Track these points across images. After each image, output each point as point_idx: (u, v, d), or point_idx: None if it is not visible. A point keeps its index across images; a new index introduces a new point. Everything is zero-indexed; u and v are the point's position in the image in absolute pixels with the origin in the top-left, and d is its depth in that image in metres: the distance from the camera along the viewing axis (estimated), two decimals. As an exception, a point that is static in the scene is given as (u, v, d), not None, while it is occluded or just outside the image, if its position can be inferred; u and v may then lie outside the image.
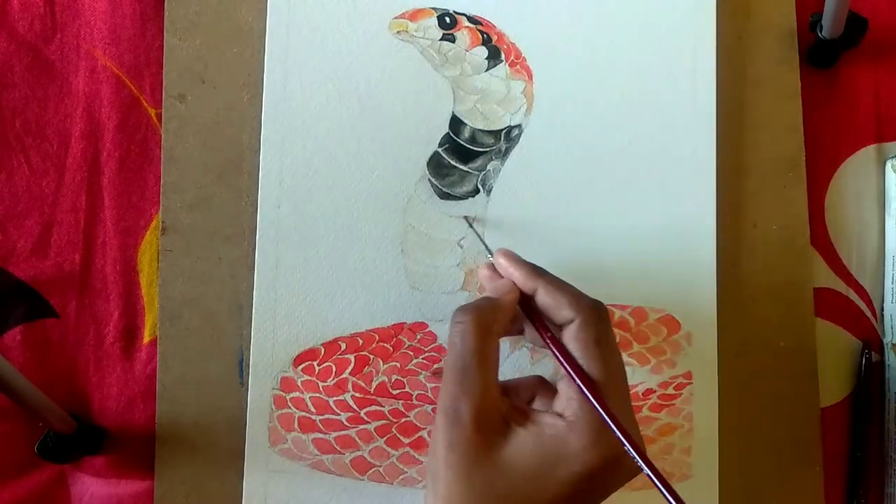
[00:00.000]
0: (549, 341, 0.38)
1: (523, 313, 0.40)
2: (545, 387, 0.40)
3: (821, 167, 0.49)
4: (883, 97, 0.50)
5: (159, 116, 0.48)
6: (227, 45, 0.48)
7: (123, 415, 0.47)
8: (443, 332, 0.46)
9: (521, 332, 0.41)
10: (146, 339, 0.48)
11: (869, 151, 0.50)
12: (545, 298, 0.38)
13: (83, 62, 0.49)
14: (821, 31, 0.47)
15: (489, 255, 0.42)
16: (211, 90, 0.47)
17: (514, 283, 0.39)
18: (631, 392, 0.45)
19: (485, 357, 0.36)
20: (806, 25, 0.49)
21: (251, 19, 0.47)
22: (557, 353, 0.37)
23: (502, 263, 0.40)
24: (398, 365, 0.46)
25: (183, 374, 0.46)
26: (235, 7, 0.48)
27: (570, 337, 0.37)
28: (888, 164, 0.49)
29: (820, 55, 0.49)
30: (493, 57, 0.47)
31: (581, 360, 0.36)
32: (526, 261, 0.40)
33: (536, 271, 0.39)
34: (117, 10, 0.49)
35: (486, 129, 0.47)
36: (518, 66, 0.47)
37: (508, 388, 0.40)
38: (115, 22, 0.49)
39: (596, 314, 0.37)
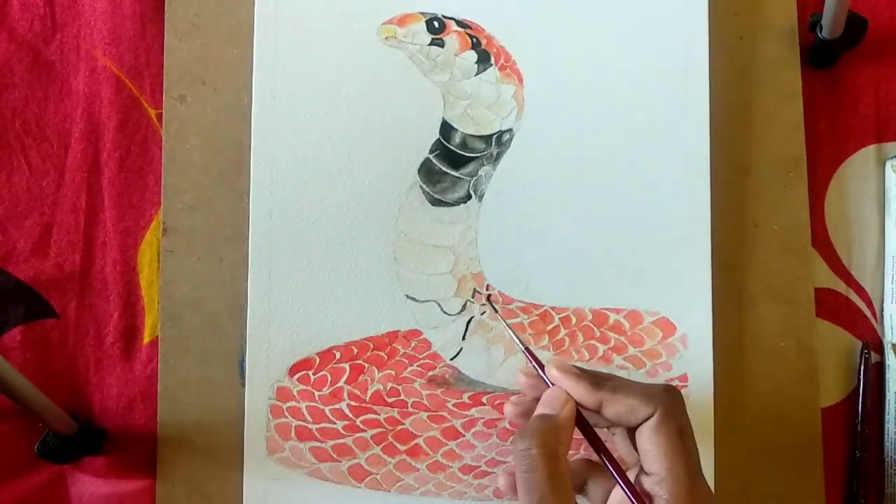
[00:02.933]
0: (608, 465, 0.36)
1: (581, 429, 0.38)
2: (595, 469, 0.39)
3: (821, 167, 0.49)
4: (883, 97, 0.50)
5: (160, 117, 0.48)
6: (228, 47, 0.48)
7: (123, 415, 0.47)
8: (436, 338, 0.46)
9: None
10: (146, 339, 0.48)
11: (869, 151, 0.50)
12: (615, 407, 0.36)
13: (83, 62, 0.49)
14: (821, 31, 0.47)
15: (524, 351, 0.40)
16: (211, 91, 0.47)
17: (568, 393, 0.37)
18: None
19: (558, 482, 0.34)
20: (806, 25, 0.49)
21: (251, 20, 0.47)
22: (620, 481, 0.35)
23: (557, 377, 0.38)
24: (393, 373, 0.46)
25: (184, 374, 0.46)
26: (235, 8, 0.48)
27: (649, 432, 0.35)
28: (888, 164, 0.49)
29: (820, 55, 0.49)
30: (483, 61, 0.47)
31: (668, 456, 0.35)
32: (583, 370, 0.38)
33: (597, 381, 0.37)
34: (117, 10, 0.49)
35: (476, 134, 0.47)
36: (508, 70, 0.47)
37: None
38: (115, 22, 0.49)
39: (674, 402, 0.36)
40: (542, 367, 0.40)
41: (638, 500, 0.35)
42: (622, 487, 0.35)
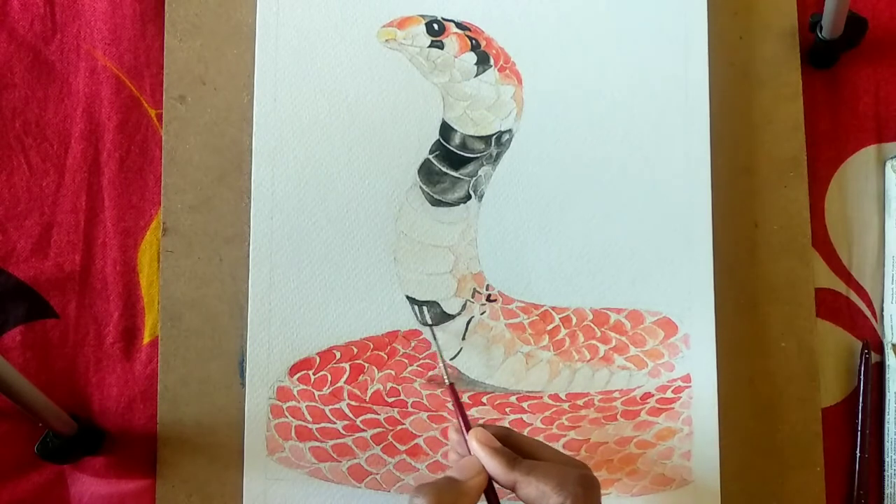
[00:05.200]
0: None
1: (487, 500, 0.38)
2: None
3: (821, 167, 0.49)
4: (883, 97, 0.50)
5: (160, 117, 0.48)
6: (228, 47, 0.48)
7: (123, 415, 0.47)
8: (437, 337, 0.46)
9: None
10: (146, 339, 0.48)
11: (869, 151, 0.50)
12: (527, 490, 0.36)
13: (83, 62, 0.49)
14: (821, 31, 0.47)
15: (447, 385, 0.41)
16: (211, 91, 0.47)
17: (483, 466, 0.37)
18: (629, 396, 0.45)
19: None
20: (806, 26, 0.49)
21: (251, 20, 0.47)
22: None
23: (476, 448, 0.38)
24: (393, 373, 0.46)
25: (184, 374, 0.46)
26: (235, 8, 0.48)
27: None
28: (888, 164, 0.49)
29: (820, 55, 0.49)
30: (482, 62, 0.47)
31: None
32: (502, 447, 0.38)
33: (513, 461, 0.37)
34: (117, 10, 0.49)
35: (476, 134, 0.47)
36: (507, 71, 0.47)
37: None
38: (115, 22, 0.49)
39: (584, 493, 0.35)
40: (468, 427, 0.40)
41: None
42: None
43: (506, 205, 0.47)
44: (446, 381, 0.43)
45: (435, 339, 0.45)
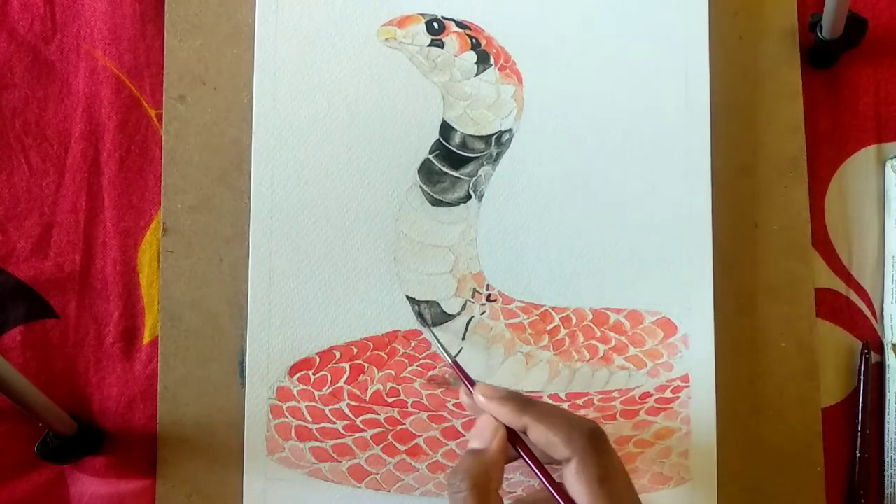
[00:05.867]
0: (547, 484, 0.36)
1: (515, 450, 0.38)
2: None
3: (821, 167, 0.49)
4: (883, 97, 0.50)
5: (160, 117, 0.48)
6: (228, 47, 0.48)
7: (123, 415, 0.47)
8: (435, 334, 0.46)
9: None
10: (146, 339, 0.48)
11: (869, 151, 0.50)
12: (537, 436, 0.36)
13: (83, 63, 0.49)
14: (821, 31, 0.47)
15: (450, 362, 0.42)
16: (211, 91, 0.47)
17: (499, 422, 0.37)
18: (628, 396, 0.45)
19: None
20: (806, 25, 0.49)
21: (251, 20, 0.47)
22: (558, 497, 0.35)
23: (483, 402, 0.38)
24: (393, 373, 0.46)
25: (184, 374, 0.46)
26: (236, 8, 0.48)
27: (571, 477, 0.35)
28: (888, 164, 0.49)
29: (820, 55, 0.49)
30: (483, 61, 0.47)
31: (588, 502, 0.34)
32: (510, 392, 0.38)
33: (523, 405, 0.37)
34: (117, 10, 0.49)
35: (476, 134, 0.47)
36: (507, 71, 0.47)
37: None
38: (115, 22, 0.49)
39: (594, 448, 0.35)
40: (472, 384, 0.40)
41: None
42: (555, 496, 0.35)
43: (506, 205, 0.46)
44: (447, 358, 0.42)
45: (429, 326, 0.45)
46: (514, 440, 0.38)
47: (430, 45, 0.47)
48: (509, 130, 0.47)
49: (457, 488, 0.35)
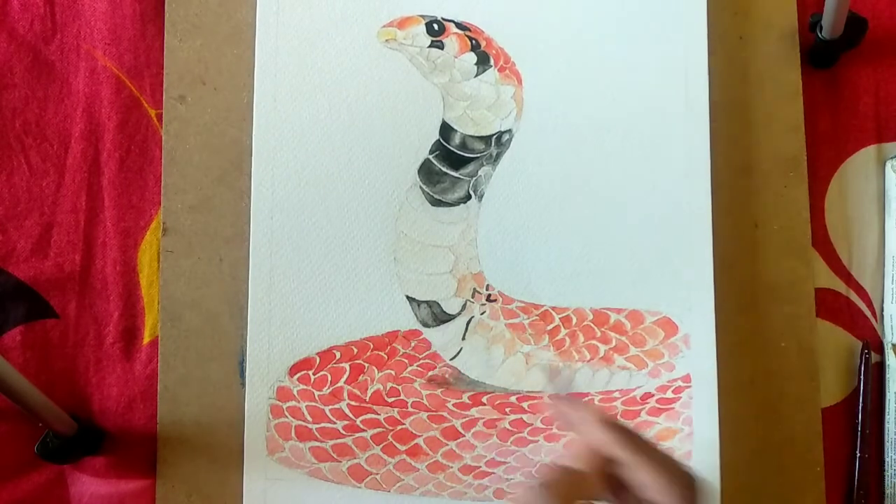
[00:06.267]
0: None
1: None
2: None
3: (821, 167, 0.49)
4: (883, 97, 0.50)
5: (160, 117, 0.48)
6: (228, 47, 0.48)
7: (123, 415, 0.47)
8: (436, 338, 0.46)
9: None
10: (146, 339, 0.48)
11: (869, 151, 0.50)
12: (636, 475, 0.34)
13: (83, 62, 0.49)
14: (821, 31, 0.47)
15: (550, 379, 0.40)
16: (211, 91, 0.47)
17: (601, 451, 0.35)
18: (629, 396, 0.45)
19: None
20: (806, 25, 0.49)
21: (251, 20, 0.47)
22: None
23: (592, 423, 0.35)
24: (393, 373, 0.46)
25: (184, 374, 0.46)
26: (235, 8, 0.48)
27: None
28: (888, 164, 0.49)
29: (820, 55, 0.49)
30: (482, 62, 0.47)
31: None
32: (619, 422, 0.36)
33: (633, 440, 0.34)
34: (117, 10, 0.49)
35: (476, 134, 0.47)
36: (507, 71, 0.47)
37: None
38: (115, 22, 0.49)
39: (693, 498, 0.33)
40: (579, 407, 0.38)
41: None
42: None
43: (506, 205, 0.46)
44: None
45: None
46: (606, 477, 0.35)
47: (430, 46, 0.47)
48: (509, 131, 0.47)
49: (544, 497, 0.32)
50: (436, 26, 0.47)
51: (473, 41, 0.47)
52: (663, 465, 0.34)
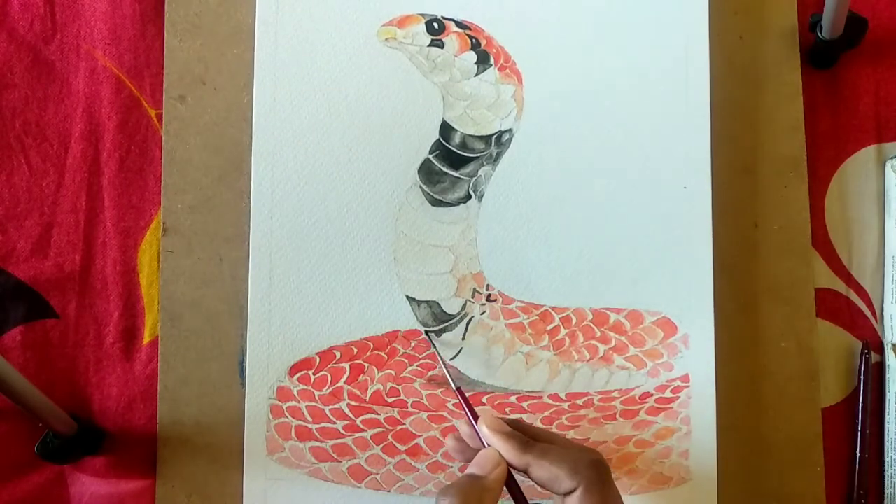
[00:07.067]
0: None
1: (507, 490, 0.38)
2: None
3: (821, 167, 0.49)
4: (883, 97, 0.50)
5: (160, 117, 0.48)
6: (228, 47, 0.48)
7: (123, 415, 0.47)
8: (436, 339, 0.46)
9: None
10: (146, 339, 0.48)
11: (869, 151, 0.50)
12: (540, 472, 0.36)
13: (83, 63, 0.49)
14: (821, 31, 0.47)
15: (454, 388, 0.41)
16: (211, 91, 0.47)
17: (501, 458, 0.37)
18: (628, 396, 0.45)
19: None
20: (806, 26, 0.49)
21: (251, 20, 0.47)
22: None
23: (487, 434, 0.38)
24: (393, 373, 0.46)
25: (184, 374, 0.46)
26: (236, 8, 0.48)
27: None
28: (888, 164, 0.49)
29: (820, 55, 0.49)
30: (483, 62, 0.47)
31: None
32: (513, 430, 0.38)
33: (525, 444, 0.37)
34: (117, 10, 0.49)
35: (476, 134, 0.47)
36: (507, 70, 0.47)
37: None
38: (115, 22, 0.49)
39: (598, 478, 0.36)
40: (476, 418, 0.40)
41: None
42: None
43: (506, 205, 0.46)
44: (451, 385, 0.43)
45: (432, 341, 0.45)
46: (509, 483, 0.38)
47: (430, 45, 0.47)
48: (509, 130, 0.47)
49: (447, 503, 0.35)
50: (436, 25, 0.47)
51: (474, 40, 0.47)
52: (562, 454, 0.36)
